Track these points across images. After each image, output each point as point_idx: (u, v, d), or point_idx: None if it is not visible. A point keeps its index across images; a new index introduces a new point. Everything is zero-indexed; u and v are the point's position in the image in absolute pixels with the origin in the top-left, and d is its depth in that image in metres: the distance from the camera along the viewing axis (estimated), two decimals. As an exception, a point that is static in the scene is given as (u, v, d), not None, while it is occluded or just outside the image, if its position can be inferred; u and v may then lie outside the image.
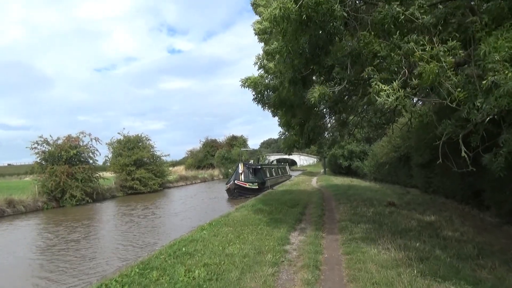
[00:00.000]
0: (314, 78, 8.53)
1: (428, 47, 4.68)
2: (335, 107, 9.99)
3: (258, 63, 8.99)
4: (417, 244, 7.42)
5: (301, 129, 10.28)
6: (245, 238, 7.97)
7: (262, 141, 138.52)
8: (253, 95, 9.13)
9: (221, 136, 78.18)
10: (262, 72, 9.14)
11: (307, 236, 8.56)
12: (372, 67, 5.78)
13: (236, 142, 73.00)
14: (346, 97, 10.74)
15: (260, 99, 9.19)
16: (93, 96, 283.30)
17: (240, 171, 26.18)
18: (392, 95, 4.82)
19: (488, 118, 4.72)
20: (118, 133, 35.97)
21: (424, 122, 5.83)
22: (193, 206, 22.95)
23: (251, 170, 27.70)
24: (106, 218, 20.11)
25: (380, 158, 26.06)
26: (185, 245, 7.48)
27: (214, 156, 66.63)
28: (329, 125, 12.67)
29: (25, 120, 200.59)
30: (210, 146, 73.33)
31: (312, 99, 6.25)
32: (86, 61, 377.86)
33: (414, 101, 6.19)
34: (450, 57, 4.52)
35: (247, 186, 25.70)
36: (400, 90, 4.88)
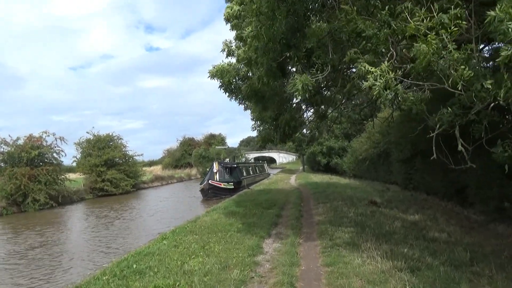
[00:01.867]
0: (290, 67, 7.57)
1: (424, 16, 3.80)
2: (312, 99, 9.08)
3: (226, 50, 7.91)
4: (405, 250, 6.61)
5: (275, 123, 9.33)
6: (210, 248, 6.90)
7: (241, 139, 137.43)
8: (220, 82, 8.04)
9: (199, 135, 76.43)
10: (230, 60, 8.11)
11: (282, 243, 7.61)
12: (356, 49, 4.86)
13: (214, 140, 71.72)
14: (324, 88, 9.88)
15: (228, 88, 8.10)
16: (68, 95, 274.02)
17: (215, 170, 24.91)
18: (380, 78, 3.90)
19: (493, 104, 3.90)
20: (87, 132, 34.17)
21: (415, 111, 4.92)
22: (166, 208, 21.75)
23: (226, 169, 26.42)
24: (69, 223, 18.78)
25: (359, 154, 25.56)
26: (137, 260, 6.34)
27: (192, 155, 65.22)
28: (306, 118, 11.75)
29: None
30: (188, 144, 71.83)
31: (295, 91, 5.28)
32: (60, 59, 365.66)
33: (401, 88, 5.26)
34: (453, 27, 3.63)
35: (222, 186, 24.49)
36: (390, 72, 3.98)
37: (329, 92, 11.21)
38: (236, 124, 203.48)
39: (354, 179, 27.47)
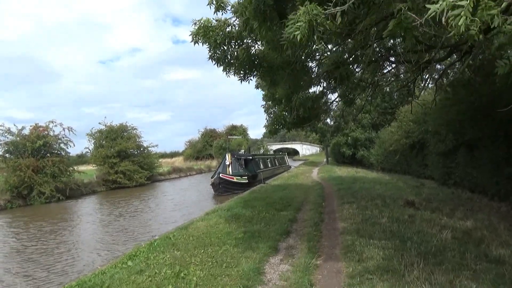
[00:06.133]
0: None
1: None
2: (335, 72, 6.88)
3: (215, 2, 5.65)
4: (472, 284, 4.46)
5: (288, 103, 7.20)
6: (187, 276, 4.86)
7: (265, 131, 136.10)
8: (208, 50, 5.82)
9: (224, 126, 75.30)
10: (221, 15, 5.88)
11: (293, 264, 5.56)
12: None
13: (235, 131, 70.82)
14: (350, 60, 7.67)
15: (220, 57, 5.92)
16: (98, 88, 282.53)
17: (228, 163, 22.62)
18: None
19: None
20: (99, 122, 33.05)
21: (507, 70, 2.69)
22: (178, 203, 20.02)
23: (240, 161, 23.89)
24: (69, 217, 17.47)
25: (388, 145, 23.12)
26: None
27: (212, 146, 64.51)
28: (329, 102, 9.53)
29: (33, 113, 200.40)
30: (209, 136, 71.66)
31: (297, 33, 3.08)
32: (91, 53, 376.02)
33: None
34: None
35: (235, 180, 22.19)
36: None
37: (356, 68, 9.02)
38: (261, 116, 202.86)
39: (383, 172, 25.01)
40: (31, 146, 22.25)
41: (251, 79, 6.43)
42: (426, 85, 13.93)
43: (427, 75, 11.61)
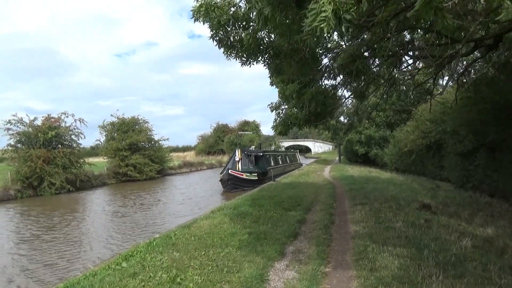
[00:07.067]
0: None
1: None
2: (351, 66, 6.41)
3: None
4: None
5: (299, 98, 6.76)
6: (184, 282, 4.50)
7: (273, 131, 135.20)
8: (210, 29, 5.36)
9: (237, 122, 75.08)
10: None
11: (300, 271, 5.15)
12: None
13: (247, 127, 70.62)
14: (369, 49, 7.19)
15: (223, 40, 5.49)
16: (114, 82, 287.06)
17: (237, 159, 22.10)
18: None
19: None
20: (111, 115, 33.07)
21: None
22: (187, 198, 19.81)
23: (251, 158, 23.50)
24: (78, 210, 17.32)
25: (404, 145, 22.38)
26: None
27: (224, 142, 64.51)
28: (341, 96, 9.03)
29: (50, 105, 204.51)
30: (221, 131, 71.59)
31: (323, 25, 2.59)
32: (107, 46, 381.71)
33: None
34: None
35: (244, 177, 21.76)
36: None
37: (372, 63, 8.52)
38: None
39: (397, 173, 24.30)
40: (43, 137, 22.31)
41: (253, 64, 6.04)
42: (446, 83, 13.32)
43: (448, 72, 11.05)
